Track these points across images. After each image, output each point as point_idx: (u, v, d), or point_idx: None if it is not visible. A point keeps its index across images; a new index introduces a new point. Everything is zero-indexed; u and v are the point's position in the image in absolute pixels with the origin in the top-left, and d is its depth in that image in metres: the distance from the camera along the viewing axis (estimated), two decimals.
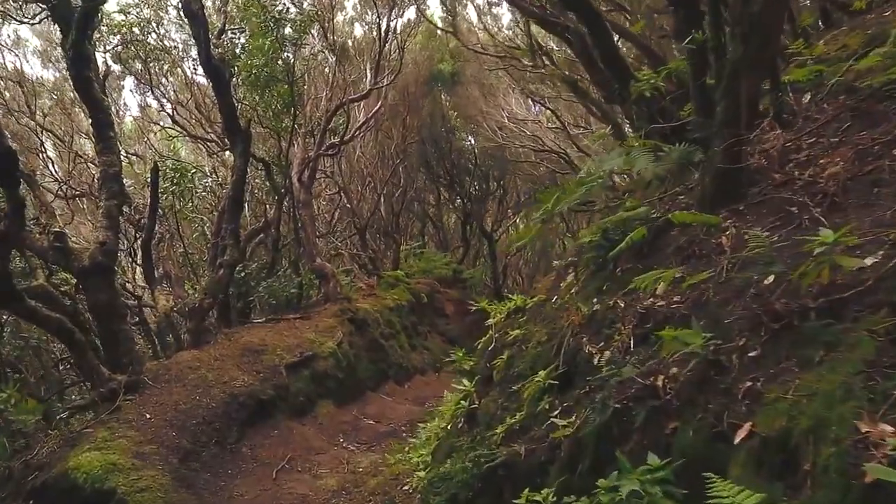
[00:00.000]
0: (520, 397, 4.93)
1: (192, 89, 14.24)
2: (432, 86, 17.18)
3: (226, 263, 10.31)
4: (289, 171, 11.97)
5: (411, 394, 12.00)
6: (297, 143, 12.58)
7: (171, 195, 13.18)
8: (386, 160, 16.60)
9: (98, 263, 8.61)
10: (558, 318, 5.37)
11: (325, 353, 10.31)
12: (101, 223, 9.04)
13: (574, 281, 5.75)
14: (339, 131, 13.74)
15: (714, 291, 3.47)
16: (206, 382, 8.75)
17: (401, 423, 10.08)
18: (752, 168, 4.38)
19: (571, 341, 4.71)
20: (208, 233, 14.13)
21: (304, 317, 11.16)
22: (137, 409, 7.93)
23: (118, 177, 9.32)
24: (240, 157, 10.24)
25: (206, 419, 8.13)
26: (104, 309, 8.68)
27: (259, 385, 9.08)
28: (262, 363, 9.52)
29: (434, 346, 14.94)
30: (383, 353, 12.03)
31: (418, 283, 15.53)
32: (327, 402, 10.06)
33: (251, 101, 11.63)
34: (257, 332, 10.38)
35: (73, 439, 7.27)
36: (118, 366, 8.50)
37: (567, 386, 4.41)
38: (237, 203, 10.38)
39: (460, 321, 16.95)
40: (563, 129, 15.27)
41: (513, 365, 5.75)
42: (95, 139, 9.49)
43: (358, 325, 11.56)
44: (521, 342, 5.93)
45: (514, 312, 6.97)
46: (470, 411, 6.32)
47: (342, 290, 12.02)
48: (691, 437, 2.99)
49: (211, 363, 9.23)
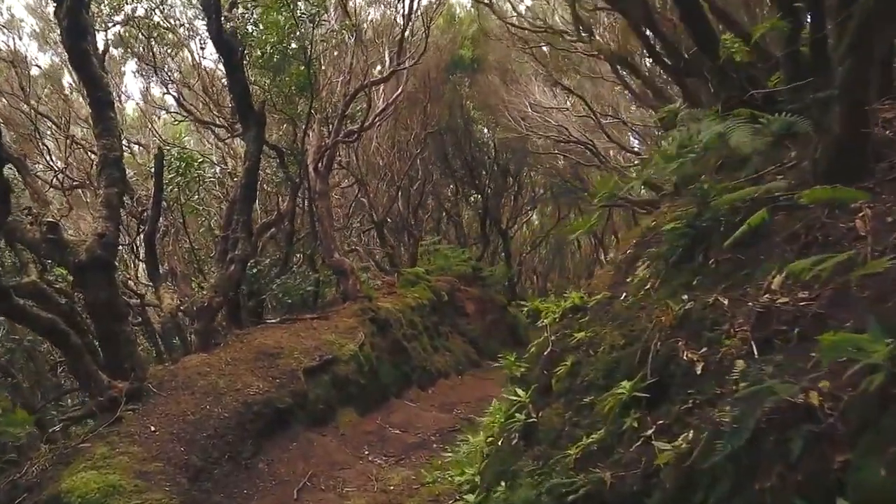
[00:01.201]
0: (594, 411, 4.11)
1: (199, 71, 13.32)
2: (453, 72, 16.25)
3: (237, 258, 9.41)
4: (304, 160, 11.06)
5: (436, 399, 11.09)
6: (312, 130, 11.68)
7: (176, 187, 12.29)
8: (403, 151, 15.69)
9: (96, 258, 7.71)
10: (634, 318, 4.51)
11: (345, 357, 9.40)
12: (100, 213, 8.14)
13: (647, 275, 4.87)
14: (356, 119, 12.82)
15: (859, 285, 2.63)
16: (217, 390, 7.86)
17: (430, 433, 9.17)
18: (877, 139, 3.57)
19: (660, 346, 3.85)
20: (215, 227, 13.25)
21: (322, 317, 10.25)
22: (140, 420, 7.05)
23: (119, 162, 8.41)
24: (252, 143, 9.34)
25: (217, 431, 7.24)
26: (103, 308, 7.77)
27: (275, 392, 8.18)
28: (277, 368, 8.62)
29: (455, 347, 14.03)
30: (406, 356, 11.12)
31: (438, 280, 14.62)
32: (349, 409, 9.16)
33: (264, 83, 10.72)
34: (272, 334, 9.49)
35: (67, 456, 6.37)
36: (119, 371, 7.61)
37: (660, 399, 3.57)
38: (250, 192, 9.47)
39: (481, 321, 16.07)
40: (592, 117, 14.34)
41: (579, 373, 4.89)
42: (93, 120, 8.59)
43: (380, 325, 10.65)
44: (588, 346, 5.07)
45: (571, 312, 6.06)
46: (527, 426, 5.46)
47: (362, 287, 11.11)
48: (882, 477, 2.11)
49: (222, 368, 8.33)
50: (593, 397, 4.26)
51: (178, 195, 12.65)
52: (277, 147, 11.15)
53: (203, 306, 8.79)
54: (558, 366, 5.27)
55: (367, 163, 14.57)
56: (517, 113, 16.53)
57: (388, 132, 15.56)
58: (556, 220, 25.72)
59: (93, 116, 8.64)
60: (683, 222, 4.35)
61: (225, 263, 9.60)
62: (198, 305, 8.87)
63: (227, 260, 9.53)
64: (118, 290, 8.13)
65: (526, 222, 27.89)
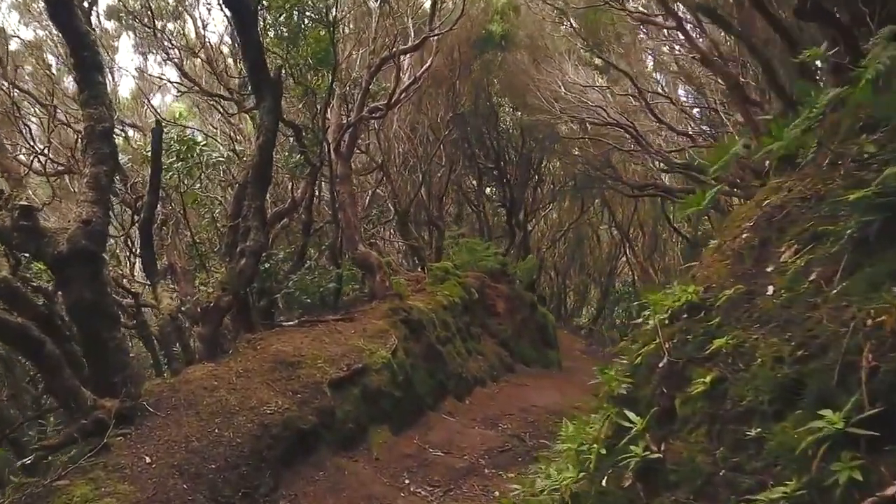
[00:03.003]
0: (764, 449, 2.83)
1: (202, 41, 11.90)
2: (482, 49, 14.81)
3: (249, 250, 8.02)
4: (323, 139, 9.64)
5: (476, 411, 9.69)
6: (331, 108, 10.28)
7: (175, 173, 10.88)
8: (427, 135, 14.27)
9: (80, 249, 6.34)
10: (805, 320, 3.13)
11: (377, 365, 8.01)
12: (85, 196, 6.76)
13: (804, 262, 3.50)
14: (378, 97, 11.42)
15: None
16: (228, 408, 6.48)
17: (477, 455, 7.78)
18: None
19: (878, 361, 2.50)
20: (221, 219, 11.86)
21: (347, 318, 8.86)
22: (133, 449, 5.68)
23: (109, 135, 7.03)
24: (267, 115, 7.94)
25: (229, 462, 5.87)
26: (88, 310, 6.39)
27: (297, 410, 6.80)
28: (298, 380, 7.23)
29: (488, 350, 12.63)
30: (441, 362, 9.72)
31: (467, 276, 13.21)
32: (383, 428, 7.77)
33: (281, 51, 9.29)
34: (289, 339, 8.10)
35: (38, 498, 5.00)
36: (107, 387, 6.25)
37: (889, 439, 2.30)
38: (263, 173, 8.07)
39: (511, 320, 14.67)
40: (636, 95, 12.93)
41: (726, 394, 3.51)
42: (79, 86, 7.21)
43: (413, 327, 9.25)
44: (733, 357, 3.69)
45: (686, 311, 4.63)
46: (646, 463, 4.07)
47: (391, 284, 9.71)
48: None
49: (232, 381, 6.95)
50: (760, 429, 2.96)
51: (178, 183, 11.24)
52: (294, 124, 9.74)
53: (208, 307, 7.40)
54: (685, 382, 3.92)
55: (388, 148, 13.14)
56: (549, 93, 15.12)
57: (410, 115, 14.13)
58: (580, 212, 24.29)
59: (78, 81, 7.26)
60: (874, 191, 3.00)
61: (234, 256, 8.22)
62: (203, 306, 7.47)
63: (238, 252, 8.15)
64: (107, 289, 6.74)
65: (545, 216, 26.46)
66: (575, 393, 12.72)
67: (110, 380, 6.37)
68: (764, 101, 8.27)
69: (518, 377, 12.76)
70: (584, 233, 27.94)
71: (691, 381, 3.95)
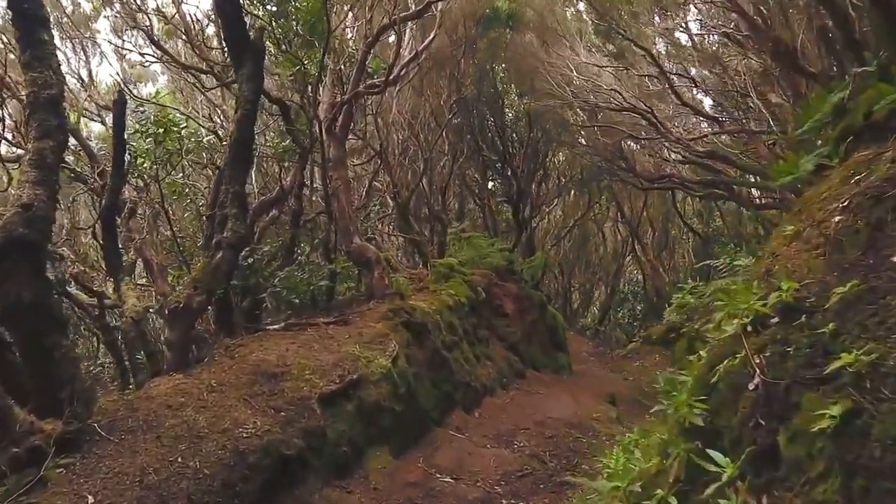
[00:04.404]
0: None
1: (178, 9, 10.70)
2: (487, 27, 13.70)
3: (227, 242, 6.91)
4: (314, 117, 8.49)
5: (487, 426, 8.58)
6: (323, 85, 9.15)
7: (152, 160, 9.74)
8: (428, 122, 13.14)
9: (17, 239, 5.19)
10: None
11: (375, 376, 6.89)
12: (27, 176, 5.63)
13: None
14: (374, 76, 10.28)
15: None
16: (195, 431, 5.38)
17: (493, 482, 6.67)
18: None
19: None
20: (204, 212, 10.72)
21: (341, 321, 7.75)
22: (75, 484, 4.60)
23: (56, 103, 5.87)
24: (247, 82, 6.82)
25: (193, 499, 4.76)
26: (28, 313, 5.25)
27: (280, 432, 5.70)
28: (283, 395, 6.13)
29: (497, 355, 11.53)
30: (448, 371, 8.61)
31: (473, 274, 12.10)
32: (382, 450, 6.65)
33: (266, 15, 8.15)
34: (273, 345, 6.99)
35: None
36: (51, 406, 5.13)
37: None
38: (243, 152, 6.95)
39: (520, 322, 13.56)
40: (658, 76, 11.83)
41: (868, 432, 2.55)
42: (20, 45, 6.05)
43: (416, 331, 8.13)
44: (872, 379, 2.73)
45: (781, 314, 3.60)
46: None
47: (391, 282, 8.59)
48: None
49: (203, 397, 5.84)
50: None
51: (156, 171, 10.10)
52: (281, 100, 8.60)
53: (177, 308, 6.28)
54: (791, 412, 2.92)
55: (386, 134, 12.01)
56: (560, 77, 14.02)
57: (410, 101, 12.99)
58: (587, 207, 23.14)
59: (19, 39, 6.10)
60: None
61: (211, 250, 7.10)
62: (170, 307, 6.34)
63: (214, 244, 7.03)
64: (51, 287, 5.63)
65: (549, 212, 25.34)
66: (589, 401, 11.66)
67: (55, 397, 5.25)
68: (819, 69, 7.18)
69: (529, 384, 11.68)
70: (590, 230, 26.86)
71: (802, 410, 2.95)
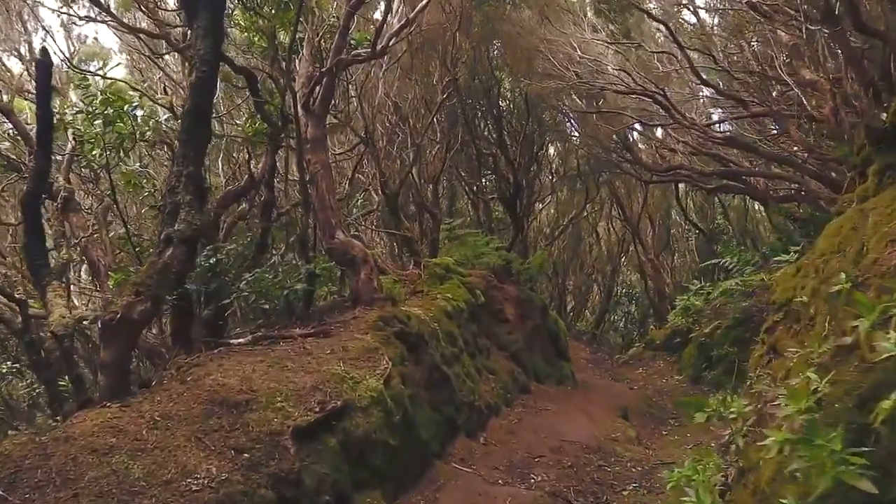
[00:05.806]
0: None
1: None
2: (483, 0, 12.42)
3: (179, 237, 5.54)
4: (287, 88, 7.06)
5: (498, 456, 7.24)
6: (300, 55, 7.79)
7: (101, 146, 8.32)
8: (418, 108, 11.82)
9: None
10: None
11: (364, 402, 5.52)
12: None
13: None
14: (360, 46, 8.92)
15: None
16: (127, 484, 4.01)
17: None
18: None
19: None
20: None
21: (321, 332, 6.36)
22: None
23: None
24: (203, 39, 5.45)
25: None
26: None
27: (242, 480, 4.33)
28: (246, 430, 4.75)
29: (499, 367, 10.20)
30: (448, 390, 7.26)
31: (471, 275, 10.77)
32: (373, 495, 5.29)
33: None
34: (237, 364, 5.60)
35: None
36: None
37: None
38: (199, 123, 5.57)
39: (521, 328, 12.24)
40: (679, 52, 10.61)
41: None
42: None
43: (411, 344, 6.76)
44: None
45: None
46: None
47: (381, 285, 7.24)
48: None
49: (141, 436, 4.46)
50: None
51: (106, 159, 8.65)
52: (246, 69, 7.22)
53: (112, 320, 4.87)
54: None
55: (372, 117, 10.66)
56: (562, 56, 12.78)
57: (398, 80, 11.66)
58: (584, 201, 21.88)
59: None
60: None
61: (159, 246, 5.72)
62: (104, 318, 4.94)
63: (163, 239, 5.65)
64: None
65: (542, 209, 24.10)
66: (602, 417, 10.39)
67: None
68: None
69: (535, 399, 10.37)
70: (584, 229, 25.67)
71: None
